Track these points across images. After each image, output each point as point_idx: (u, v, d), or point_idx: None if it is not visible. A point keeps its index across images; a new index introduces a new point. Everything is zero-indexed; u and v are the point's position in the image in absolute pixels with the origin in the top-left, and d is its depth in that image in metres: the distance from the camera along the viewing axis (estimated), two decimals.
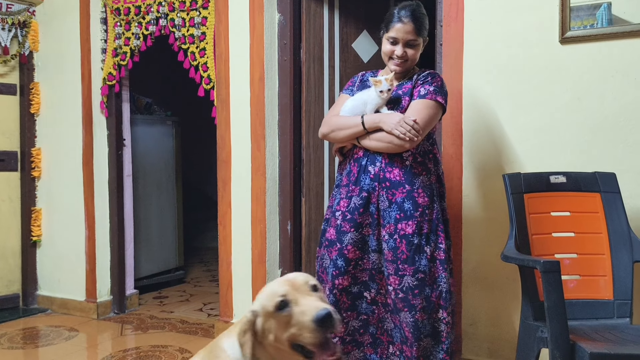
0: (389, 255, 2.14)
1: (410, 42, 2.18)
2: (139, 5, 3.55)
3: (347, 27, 3.40)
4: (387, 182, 2.15)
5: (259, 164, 3.17)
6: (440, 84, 2.21)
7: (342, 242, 2.18)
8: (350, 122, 2.20)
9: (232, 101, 3.24)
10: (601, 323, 2.13)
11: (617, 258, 2.19)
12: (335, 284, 2.19)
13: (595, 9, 2.41)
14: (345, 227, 2.18)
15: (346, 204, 2.20)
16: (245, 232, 3.22)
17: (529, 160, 2.53)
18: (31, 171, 3.94)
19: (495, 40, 2.58)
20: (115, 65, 3.66)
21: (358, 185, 2.20)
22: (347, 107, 2.26)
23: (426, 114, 2.12)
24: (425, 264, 2.12)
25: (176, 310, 3.95)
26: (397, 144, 2.09)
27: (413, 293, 2.10)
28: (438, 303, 2.14)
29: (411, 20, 2.16)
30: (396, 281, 2.12)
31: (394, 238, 2.13)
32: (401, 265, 2.11)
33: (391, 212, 2.14)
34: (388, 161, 2.16)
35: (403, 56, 2.19)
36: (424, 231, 2.13)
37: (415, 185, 2.14)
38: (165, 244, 4.59)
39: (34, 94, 3.91)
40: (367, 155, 2.20)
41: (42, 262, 3.99)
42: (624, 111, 2.37)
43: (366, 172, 2.19)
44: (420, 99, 2.16)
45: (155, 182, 4.52)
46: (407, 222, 2.12)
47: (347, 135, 2.22)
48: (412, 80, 2.23)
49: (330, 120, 2.31)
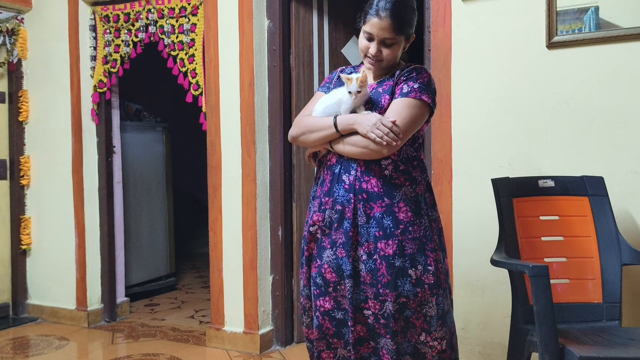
0: (367, 277, 1.87)
1: (387, 40, 1.86)
2: (128, 13, 3.54)
3: (337, 33, 3.41)
4: (364, 193, 1.86)
5: (249, 170, 3.17)
6: (427, 80, 1.90)
7: (322, 259, 1.93)
8: (321, 123, 1.91)
9: (222, 107, 3.24)
10: (590, 326, 2.14)
11: (605, 261, 2.20)
12: (318, 306, 1.94)
13: (582, 13, 2.43)
14: (325, 242, 1.93)
15: (321, 217, 1.93)
16: (236, 238, 3.22)
17: (518, 164, 2.54)
18: (20, 179, 3.91)
19: (483, 45, 2.60)
20: (106, 72, 3.65)
21: (331, 196, 1.91)
22: (320, 107, 1.97)
23: (407, 114, 1.83)
24: (410, 289, 1.84)
25: (168, 317, 3.93)
26: (373, 149, 1.81)
27: (395, 318, 1.85)
28: (421, 326, 1.88)
29: (389, 16, 1.82)
30: (376, 306, 1.86)
31: (374, 259, 1.85)
32: (382, 289, 1.84)
33: (369, 228, 1.86)
34: (364, 169, 1.87)
35: (377, 55, 1.88)
36: (407, 252, 1.85)
37: (395, 198, 1.86)
38: (156, 251, 4.57)
39: (23, 102, 3.89)
40: (340, 162, 1.91)
41: (32, 270, 3.96)
42: (611, 114, 2.39)
43: (340, 182, 1.90)
44: (402, 98, 1.86)
45: (146, 188, 4.50)
46: (387, 242, 1.84)
47: (318, 138, 1.93)
48: (395, 77, 1.93)
49: (300, 121, 2.01)
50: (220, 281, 3.27)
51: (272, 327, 3.26)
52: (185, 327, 3.68)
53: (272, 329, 3.26)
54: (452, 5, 2.64)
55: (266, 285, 3.23)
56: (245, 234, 3.19)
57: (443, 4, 2.65)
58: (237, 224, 3.21)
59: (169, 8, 3.40)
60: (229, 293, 3.25)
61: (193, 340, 3.42)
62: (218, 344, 3.27)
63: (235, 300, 3.23)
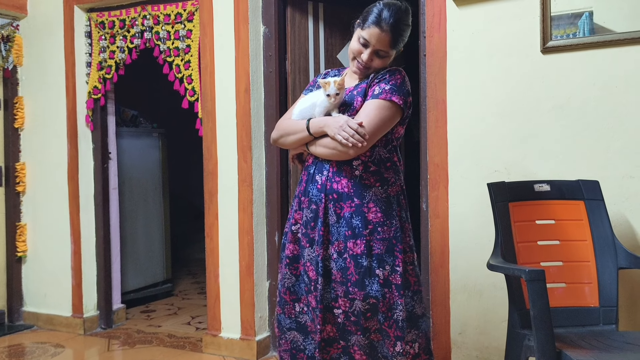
0: (337, 275, 1.91)
1: (380, 52, 1.94)
2: (124, 19, 3.54)
3: (332, 38, 3.42)
4: (334, 193, 1.92)
5: (245, 175, 3.17)
6: (399, 82, 1.93)
7: (304, 258, 1.99)
8: (297, 126, 2.00)
9: (218, 113, 3.24)
10: (587, 330, 2.14)
11: (602, 265, 2.20)
12: (309, 301, 1.99)
13: (576, 18, 2.44)
14: (303, 242, 1.99)
15: (300, 216, 2.02)
16: (233, 243, 3.21)
17: (514, 169, 2.55)
18: (16, 186, 3.90)
19: (478, 50, 2.61)
20: (101, 78, 3.65)
21: (307, 196, 1.98)
22: (296, 110, 2.05)
23: (376, 115, 1.87)
24: (377, 289, 1.88)
25: (164, 324, 3.92)
26: (340, 150, 1.87)
27: (365, 317, 1.89)
28: (394, 334, 1.90)
29: (390, 30, 1.89)
30: (346, 304, 1.90)
31: (344, 257, 1.90)
32: (351, 288, 1.88)
33: (340, 228, 1.92)
34: (336, 170, 1.94)
35: (367, 63, 1.95)
36: (375, 252, 1.89)
37: (365, 198, 1.91)
38: (152, 257, 4.56)
39: (18, 109, 3.88)
40: (315, 163, 1.99)
41: (28, 277, 3.95)
42: (605, 119, 2.40)
43: (314, 182, 1.97)
44: (372, 99, 1.91)
45: (142, 194, 4.49)
46: (356, 241, 1.89)
47: (294, 140, 2.01)
48: (369, 79, 1.98)
49: (280, 124, 2.10)
50: (217, 287, 3.26)
51: (269, 332, 3.25)
52: (182, 334, 3.67)
53: (269, 334, 3.25)
54: (447, 10, 2.65)
55: (263, 290, 3.22)
56: (241, 240, 3.19)
57: (438, 10, 2.66)
58: (234, 229, 3.21)
59: (165, 14, 3.40)
60: (226, 299, 3.24)
61: (189, 346, 3.41)
62: (215, 350, 3.26)
63: (231, 306, 3.22)
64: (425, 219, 2.74)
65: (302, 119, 2.00)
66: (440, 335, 2.70)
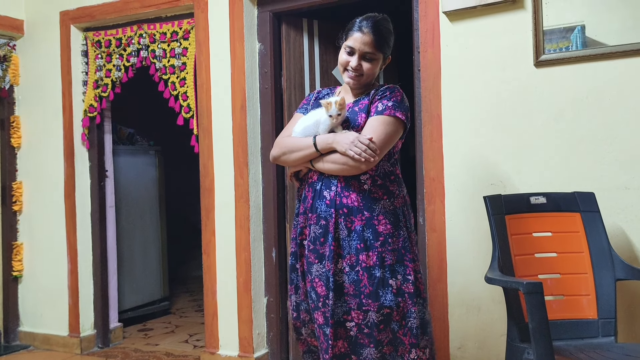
0: (350, 289, 1.95)
1: (367, 54, 2.00)
2: (120, 38, 3.57)
3: (327, 55, 3.44)
4: (345, 208, 1.96)
5: (242, 192, 3.17)
6: (400, 98, 2.02)
7: (312, 274, 2.00)
8: (302, 143, 2.03)
9: (214, 130, 3.25)
10: (586, 342, 2.13)
11: (599, 277, 2.20)
12: (315, 319, 2.00)
13: (569, 31, 2.47)
14: (311, 258, 2.01)
15: (308, 232, 2.03)
16: (230, 260, 3.20)
17: (509, 181, 2.56)
18: (12, 205, 3.89)
19: (472, 64, 2.63)
20: (97, 97, 3.66)
21: (314, 212, 2.01)
22: (299, 128, 2.09)
23: (383, 131, 1.95)
24: (391, 298, 1.93)
25: (161, 342, 3.89)
26: (352, 165, 1.92)
27: (379, 329, 1.92)
28: (409, 341, 1.95)
29: (371, 32, 1.98)
30: (360, 316, 1.94)
31: (356, 270, 1.94)
32: (365, 300, 1.92)
33: (351, 241, 1.96)
34: (344, 185, 1.98)
35: (357, 69, 2.01)
36: (387, 262, 1.94)
37: (375, 211, 1.97)
38: (149, 275, 4.53)
39: (15, 128, 3.89)
40: (321, 180, 2.02)
41: (24, 297, 3.92)
42: (599, 131, 2.41)
43: (321, 198, 2.00)
44: (377, 116, 1.98)
45: (139, 212, 4.48)
46: (368, 254, 1.93)
47: (299, 157, 2.04)
48: (370, 96, 2.05)
49: (281, 142, 2.13)
50: (214, 304, 3.25)
51: (268, 349, 3.23)
52: (180, 352, 3.64)
53: (267, 351, 3.23)
54: (440, 25, 2.67)
55: (261, 307, 3.21)
56: (238, 256, 3.18)
57: (431, 25, 2.69)
58: (231, 246, 3.20)
59: (161, 32, 3.42)
60: (223, 316, 3.22)
61: None
62: None
63: (229, 324, 3.20)
64: (422, 233, 2.74)
65: (305, 136, 2.05)
66: (439, 351, 2.68)
